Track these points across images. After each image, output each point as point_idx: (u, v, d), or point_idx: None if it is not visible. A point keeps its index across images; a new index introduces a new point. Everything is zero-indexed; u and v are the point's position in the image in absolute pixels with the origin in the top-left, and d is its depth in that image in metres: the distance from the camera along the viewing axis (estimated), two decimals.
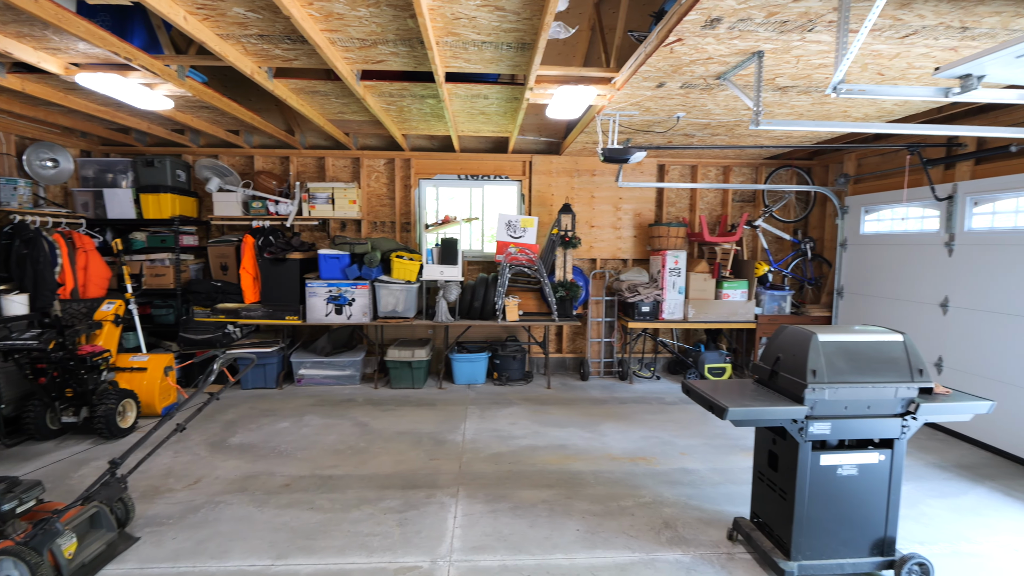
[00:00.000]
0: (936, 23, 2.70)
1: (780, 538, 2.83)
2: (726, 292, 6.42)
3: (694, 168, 6.96)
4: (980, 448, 4.68)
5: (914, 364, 2.65)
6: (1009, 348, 4.43)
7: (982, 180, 4.71)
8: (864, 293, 6.12)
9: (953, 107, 4.61)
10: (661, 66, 3.35)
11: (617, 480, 3.95)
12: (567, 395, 6.08)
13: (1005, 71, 2.26)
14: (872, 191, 6.00)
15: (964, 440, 4.86)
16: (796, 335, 2.75)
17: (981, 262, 4.69)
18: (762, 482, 3.01)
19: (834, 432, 2.67)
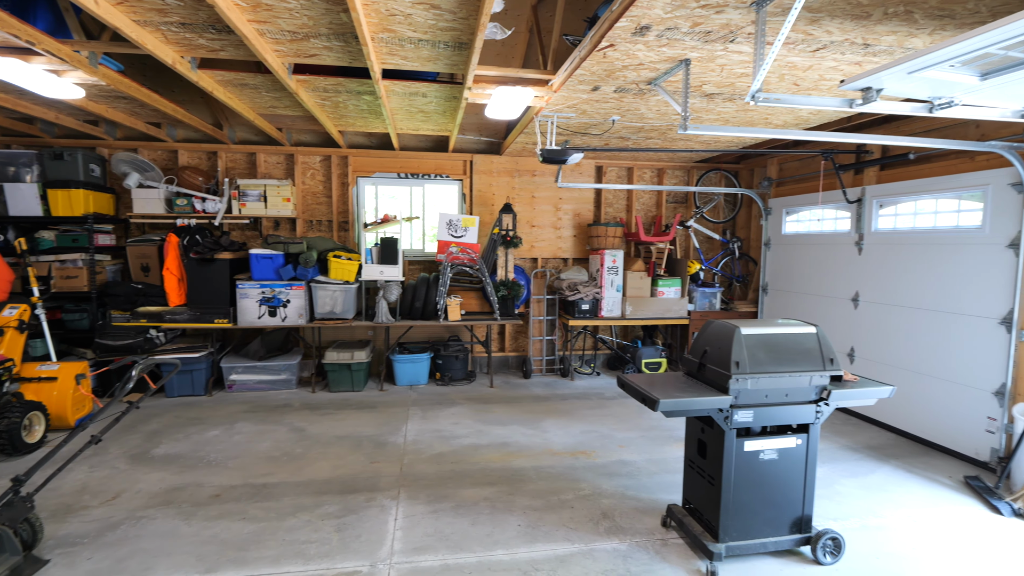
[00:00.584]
0: (842, 39, 2.92)
1: (709, 522, 2.98)
2: (661, 290, 6.67)
3: (630, 170, 7.19)
4: (887, 430, 5.10)
5: (826, 354, 2.87)
6: (910, 338, 4.86)
7: (886, 185, 5.14)
8: (786, 289, 6.53)
9: (861, 117, 5.00)
10: (595, 70, 3.44)
11: (558, 475, 4.03)
12: (510, 393, 6.13)
13: (899, 85, 2.49)
14: (792, 194, 6.41)
15: (873, 423, 5.28)
16: (721, 329, 2.90)
17: (886, 260, 5.12)
18: (692, 470, 3.16)
19: (756, 419, 2.84)
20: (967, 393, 4.35)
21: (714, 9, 2.56)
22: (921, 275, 4.75)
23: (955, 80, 2.43)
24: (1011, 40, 1.93)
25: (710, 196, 7.35)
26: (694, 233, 7.26)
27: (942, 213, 4.67)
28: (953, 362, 4.47)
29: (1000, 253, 4.11)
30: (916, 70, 2.29)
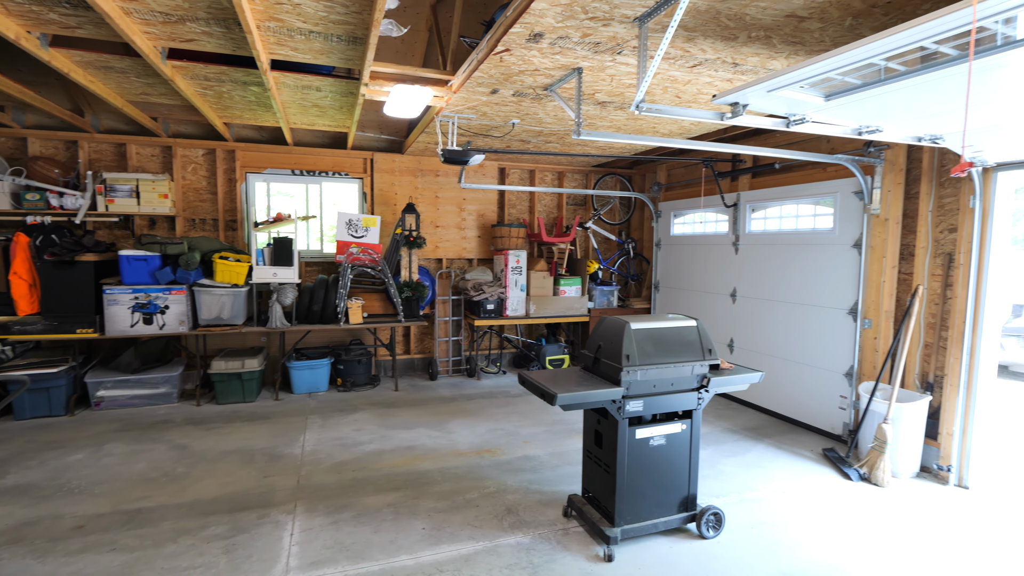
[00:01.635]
0: (715, 58, 3.20)
1: (606, 508, 3.13)
2: (563, 289, 6.90)
3: (532, 172, 7.37)
4: (762, 412, 5.65)
5: (705, 345, 3.13)
6: (779, 329, 5.43)
7: (757, 191, 5.70)
8: (676, 286, 7.02)
9: (735, 129, 5.50)
10: (493, 73, 3.49)
11: (463, 475, 4.04)
12: (415, 396, 6.05)
13: (761, 102, 2.78)
14: (679, 198, 6.91)
15: (751, 407, 5.83)
16: (613, 325, 3.07)
17: (758, 259, 5.67)
18: (590, 460, 3.30)
19: (646, 408, 3.03)
20: (824, 376, 4.94)
21: (601, 22, 2.70)
22: (787, 272, 5.32)
23: (805, 99, 2.75)
24: (845, 67, 2.22)
25: (607, 199, 7.72)
26: (592, 234, 7.59)
27: (802, 217, 5.27)
28: (813, 349, 5.05)
29: (847, 252, 4.71)
30: (773, 89, 2.56)
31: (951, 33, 1.89)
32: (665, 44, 2.48)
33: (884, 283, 4.41)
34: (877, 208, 4.45)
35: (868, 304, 4.54)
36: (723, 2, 2.49)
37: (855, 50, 2.01)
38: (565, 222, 7.54)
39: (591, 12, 2.59)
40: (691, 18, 2.65)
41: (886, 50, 2.01)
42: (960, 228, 3.96)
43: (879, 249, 4.45)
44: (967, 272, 3.91)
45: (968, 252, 3.90)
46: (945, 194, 4.10)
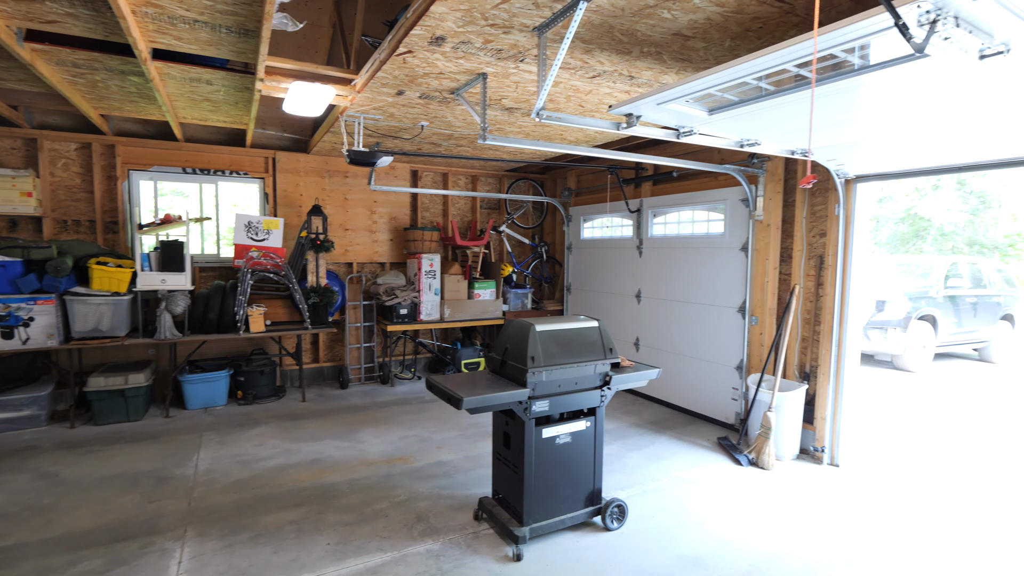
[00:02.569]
0: (612, 70, 3.35)
1: (516, 508, 3.17)
2: (477, 292, 6.92)
3: (446, 176, 7.34)
4: (666, 406, 5.98)
5: (606, 344, 3.26)
6: (680, 327, 5.77)
7: (658, 197, 6.03)
8: (587, 288, 7.26)
9: (637, 138, 5.79)
10: (397, 75, 3.44)
11: (373, 485, 3.93)
12: (324, 406, 5.80)
13: (653, 113, 2.95)
14: (588, 203, 7.16)
15: (657, 402, 6.14)
16: (519, 327, 3.12)
17: (660, 261, 6.00)
18: (500, 461, 3.33)
19: (552, 407, 3.11)
20: (719, 369, 5.31)
21: (502, 29, 2.74)
22: (685, 274, 5.67)
23: (692, 113, 2.95)
24: (721, 85, 2.41)
25: (520, 203, 7.85)
26: (506, 238, 7.68)
27: (697, 222, 5.64)
28: (709, 345, 5.42)
29: (736, 255, 5.10)
30: (663, 102, 2.72)
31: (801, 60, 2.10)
32: (562, 54, 2.56)
33: (767, 283, 4.82)
34: (760, 215, 4.86)
35: (755, 302, 4.94)
36: (616, 18, 2.62)
37: (725, 71, 2.19)
38: (479, 226, 7.57)
39: (491, 19, 2.62)
40: (587, 31, 2.76)
41: (750, 72, 2.20)
42: (828, 233, 4.42)
43: (763, 252, 4.86)
44: (834, 272, 4.37)
45: (835, 254, 4.36)
46: (816, 202, 4.56)
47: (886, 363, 9.19)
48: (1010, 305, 10.32)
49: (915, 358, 8.76)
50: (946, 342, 9.25)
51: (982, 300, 9.72)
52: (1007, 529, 3.46)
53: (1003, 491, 4.06)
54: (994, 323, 9.90)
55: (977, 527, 3.47)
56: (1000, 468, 4.54)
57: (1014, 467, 4.57)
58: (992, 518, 3.60)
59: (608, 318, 6.81)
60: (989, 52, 1.91)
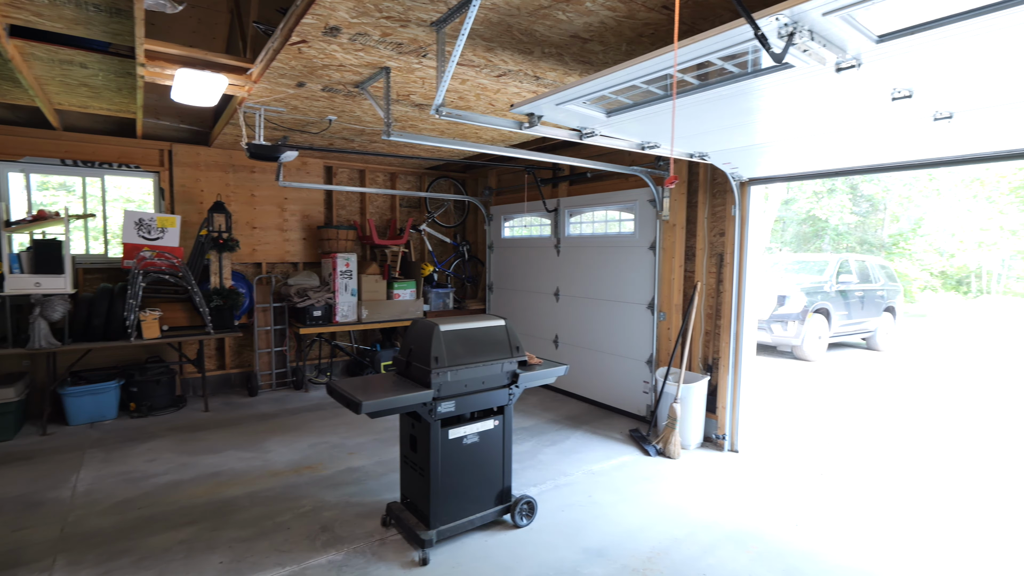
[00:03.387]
0: (517, 69, 3.37)
1: (423, 512, 3.11)
2: (397, 292, 6.77)
3: (363, 172, 7.12)
4: (584, 402, 6.11)
5: (513, 343, 3.27)
6: (595, 324, 5.92)
7: (574, 197, 6.16)
8: (508, 287, 7.30)
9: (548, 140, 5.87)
10: (294, 65, 3.28)
11: (276, 496, 3.73)
12: (229, 415, 5.46)
13: (554, 114, 2.99)
14: (509, 202, 7.19)
15: (575, 397, 6.26)
16: (422, 328, 3.06)
17: (577, 260, 6.13)
18: (407, 465, 3.26)
19: (459, 408, 3.08)
20: (631, 364, 5.50)
21: (399, 22, 2.68)
22: (600, 272, 5.82)
23: (591, 114, 3.01)
24: (612, 87, 2.47)
25: (441, 202, 7.76)
26: (427, 237, 7.58)
27: (610, 222, 5.80)
28: (622, 340, 5.59)
29: (645, 253, 5.30)
30: (561, 102, 2.76)
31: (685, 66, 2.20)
32: (459, 50, 2.53)
33: (674, 280, 5.04)
34: (667, 215, 5.03)
35: (663, 299, 5.15)
36: (513, 17, 2.62)
37: (609, 75, 2.25)
38: (399, 224, 7.41)
39: (385, 11, 2.55)
40: (486, 28, 2.75)
41: (629, 78, 2.27)
42: (726, 232, 4.68)
43: (670, 251, 5.07)
44: (732, 270, 4.63)
45: (732, 253, 4.62)
46: (716, 203, 4.81)
47: (787, 353, 9.90)
48: (892, 298, 11.42)
49: (812, 348, 9.49)
50: (838, 333, 10.10)
51: (868, 294, 10.68)
52: (883, 499, 3.80)
53: (883, 466, 4.46)
54: (879, 315, 10.92)
55: (857, 499, 3.79)
56: (881, 445, 5.00)
57: (893, 444, 5.05)
58: (871, 491, 3.95)
59: (529, 316, 6.88)
60: (844, 65, 2.07)
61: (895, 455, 4.79)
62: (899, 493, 3.95)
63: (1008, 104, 2.53)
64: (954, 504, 3.81)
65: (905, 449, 4.95)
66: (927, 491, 4.01)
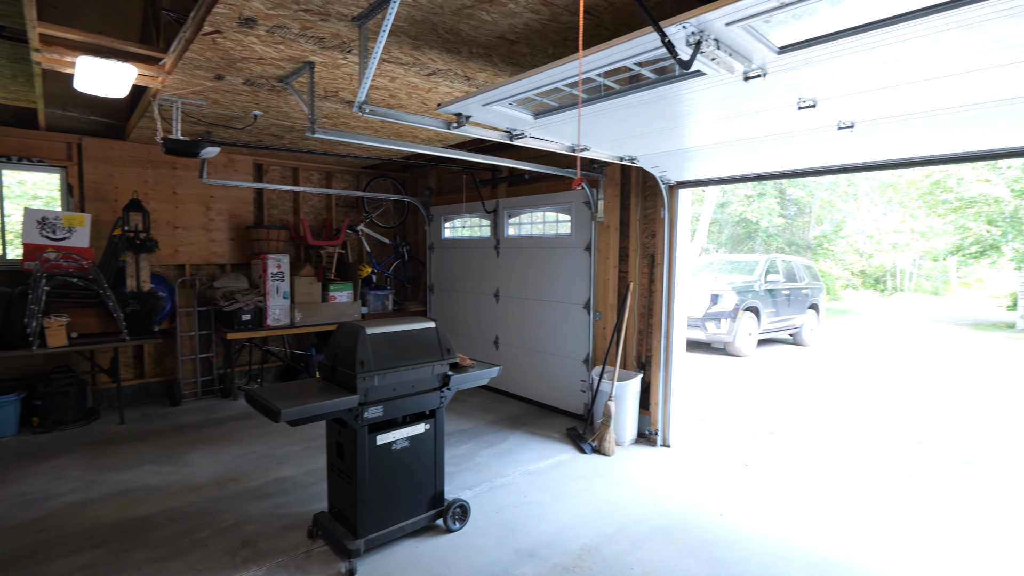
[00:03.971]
0: (447, 69, 3.33)
1: (351, 521, 3.02)
2: (333, 295, 6.57)
3: (296, 171, 6.88)
4: (524, 402, 6.13)
5: (444, 345, 3.23)
6: (536, 324, 5.95)
7: (513, 198, 6.17)
8: (449, 289, 7.23)
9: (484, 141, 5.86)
10: (210, 56, 3.12)
11: (196, 512, 3.53)
12: (147, 427, 5.13)
13: (482, 114, 2.98)
14: (448, 203, 7.13)
15: (515, 398, 6.28)
16: (348, 331, 2.98)
17: (516, 261, 6.15)
18: (334, 473, 3.16)
19: (387, 412, 3.01)
20: (569, 364, 5.56)
21: (319, 16, 2.59)
22: (539, 273, 5.87)
23: (520, 116, 3.02)
24: (538, 90, 2.49)
25: (379, 202, 7.60)
26: (365, 237, 7.40)
27: (548, 223, 5.86)
28: (560, 340, 5.65)
29: (581, 254, 5.38)
30: (488, 103, 2.75)
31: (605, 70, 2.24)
32: (380, 47, 2.47)
33: (609, 280, 5.14)
34: (601, 217, 5.16)
35: (598, 299, 5.24)
36: (437, 15, 2.59)
37: (528, 78, 2.26)
38: (335, 224, 7.20)
39: (303, 4, 2.46)
40: (411, 26, 2.71)
41: (551, 81, 2.29)
42: (657, 234, 4.82)
43: (604, 252, 5.17)
44: (662, 270, 4.77)
45: (662, 253, 4.76)
46: (648, 206, 4.95)
47: (721, 350, 10.32)
48: (816, 296, 12.14)
49: (743, 344, 9.94)
50: (767, 329, 10.63)
51: (794, 292, 11.31)
52: (800, 485, 4.01)
53: (802, 454, 4.71)
54: (804, 312, 11.57)
55: (777, 487, 3.99)
56: (802, 435, 5.28)
57: (813, 433, 5.35)
58: (790, 478, 4.16)
59: (469, 318, 6.84)
60: (752, 75, 2.17)
61: (815, 443, 5.07)
62: (815, 479, 4.19)
63: (900, 117, 2.72)
64: (865, 486, 4.07)
65: (824, 437, 5.26)
66: (841, 476, 4.27)
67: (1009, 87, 2.27)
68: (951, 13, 1.68)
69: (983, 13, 1.67)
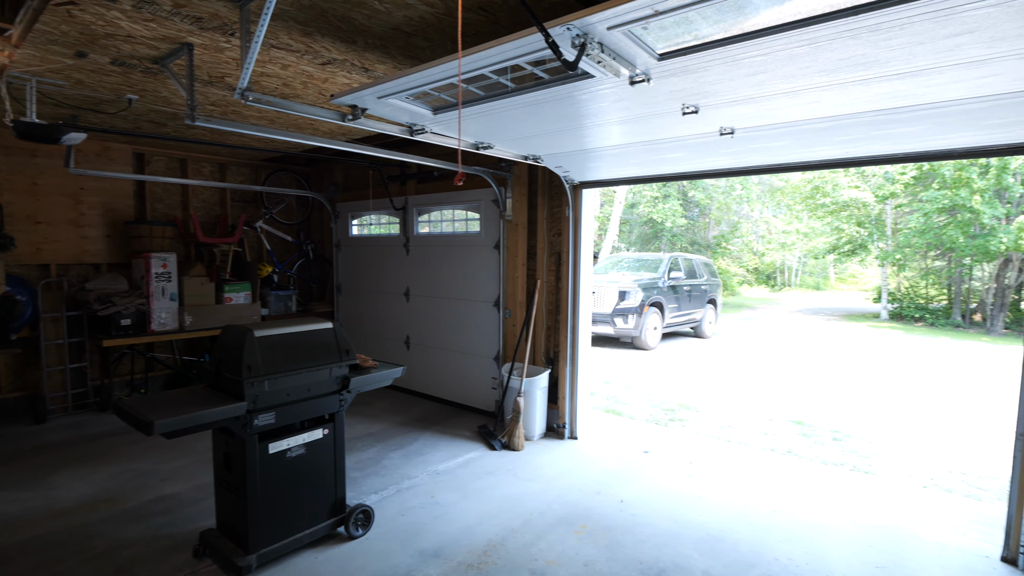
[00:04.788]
0: (343, 59, 3.21)
1: (242, 536, 2.83)
2: (229, 296, 6.14)
3: (184, 162, 6.35)
4: (436, 402, 6.06)
5: (342, 346, 3.11)
6: (448, 323, 5.90)
7: (422, 196, 6.08)
8: (357, 288, 7.00)
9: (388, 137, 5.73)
10: (67, 30, 2.79)
11: (60, 540, 3.16)
12: (2, 449, 4.53)
13: (378, 107, 2.89)
14: (356, 199, 6.90)
15: (427, 398, 6.19)
16: (234, 334, 2.79)
17: (426, 259, 6.06)
18: (223, 486, 2.95)
19: (281, 419, 2.85)
20: (480, 361, 5.57)
21: None
22: (449, 271, 5.82)
23: (419, 111, 2.97)
24: (433, 84, 2.45)
25: (281, 197, 7.20)
26: (265, 235, 6.98)
27: (457, 221, 5.83)
28: (471, 338, 5.64)
29: (491, 252, 5.40)
30: (382, 96, 2.68)
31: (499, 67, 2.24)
32: (262, 31, 2.32)
33: (518, 278, 5.20)
34: (510, 215, 5.21)
35: (508, 296, 5.29)
36: (327, 1, 2.48)
37: (419, 73, 2.23)
38: (230, 220, 6.73)
39: None
40: (299, 11, 2.57)
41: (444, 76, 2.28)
42: (563, 232, 4.93)
43: (513, 250, 5.22)
44: (568, 268, 4.90)
45: (567, 251, 4.89)
46: (554, 205, 5.05)
47: (629, 344, 10.80)
48: (714, 292, 13.02)
49: (649, 338, 10.46)
50: (670, 323, 11.26)
51: (695, 288, 12.06)
52: (695, 467, 4.28)
53: (700, 438, 5.03)
54: (703, 306, 12.38)
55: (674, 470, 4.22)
56: (700, 419, 5.64)
57: (710, 417, 5.72)
58: (686, 461, 4.42)
59: (379, 318, 6.66)
60: (637, 79, 2.26)
61: (710, 428, 5.43)
62: (709, 461, 4.48)
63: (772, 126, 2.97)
64: (751, 465, 4.41)
65: (719, 421, 5.65)
66: (732, 457, 4.60)
67: (857, 102, 2.54)
68: (803, 31, 1.84)
69: (829, 33, 1.85)
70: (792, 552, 3.14)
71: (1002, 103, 2.49)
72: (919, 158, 3.37)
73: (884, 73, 2.18)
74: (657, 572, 2.94)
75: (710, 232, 25.86)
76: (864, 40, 1.89)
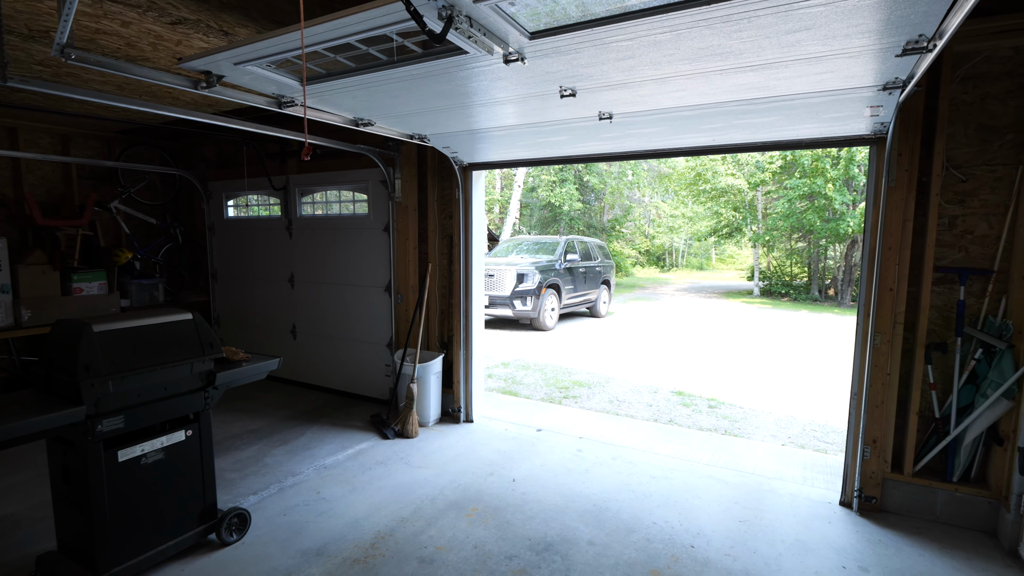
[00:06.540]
0: (196, 19, 2.87)
1: (88, 557, 2.51)
2: (79, 286, 5.40)
3: (14, 131, 5.43)
4: (326, 392, 5.78)
5: (204, 339, 2.84)
6: (334, 310, 5.62)
7: (305, 175, 5.70)
8: (236, 275, 6.46)
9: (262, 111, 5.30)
10: None
11: None
12: None
13: (236, 75, 2.62)
14: (230, 178, 6.32)
15: (316, 389, 5.89)
16: (67, 329, 2.44)
17: (311, 243, 5.72)
18: (62, 503, 2.59)
19: (131, 423, 2.55)
20: (373, 349, 5.38)
21: None
22: (336, 255, 5.53)
23: (286, 81, 2.74)
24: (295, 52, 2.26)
25: (141, 174, 6.42)
26: (123, 217, 6.20)
27: (344, 202, 5.55)
28: (363, 325, 5.43)
29: (380, 235, 5.20)
30: (240, 62, 2.42)
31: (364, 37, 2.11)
32: None
33: (409, 262, 5.06)
34: (399, 196, 5.04)
35: (399, 281, 5.14)
36: None
37: (273, 38, 2.05)
38: (78, 200, 5.90)
39: None
40: None
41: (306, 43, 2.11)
42: (454, 215, 4.86)
43: (403, 232, 5.07)
44: (459, 251, 4.84)
45: (459, 234, 4.83)
46: (445, 186, 4.96)
47: (528, 325, 11.02)
48: (607, 273, 13.62)
49: (547, 318, 10.74)
50: (567, 304, 11.63)
51: (589, 270, 12.53)
52: (584, 443, 4.45)
53: (592, 411, 5.24)
54: (598, 287, 12.91)
55: (563, 447, 4.37)
56: (593, 394, 5.88)
57: (603, 392, 5.98)
58: (574, 437, 4.59)
59: (262, 306, 6.21)
60: (511, 58, 2.23)
61: (601, 402, 5.69)
62: (598, 434, 4.69)
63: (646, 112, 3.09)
64: (637, 435, 4.68)
65: (609, 395, 5.93)
66: (620, 429, 4.85)
67: (719, 92, 2.70)
68: (663, 17, 1.90)
69: (687, 21, 1.92)
70: (668, 515, 3.38)
71: (838, 99, 2.76)
72: (775, 147, 3.69)
73: (739, 65, 2.32)
74: (544, 546, 3.03)
75: (605, 216, 27.01)
76: (718, 31, 1.99)
